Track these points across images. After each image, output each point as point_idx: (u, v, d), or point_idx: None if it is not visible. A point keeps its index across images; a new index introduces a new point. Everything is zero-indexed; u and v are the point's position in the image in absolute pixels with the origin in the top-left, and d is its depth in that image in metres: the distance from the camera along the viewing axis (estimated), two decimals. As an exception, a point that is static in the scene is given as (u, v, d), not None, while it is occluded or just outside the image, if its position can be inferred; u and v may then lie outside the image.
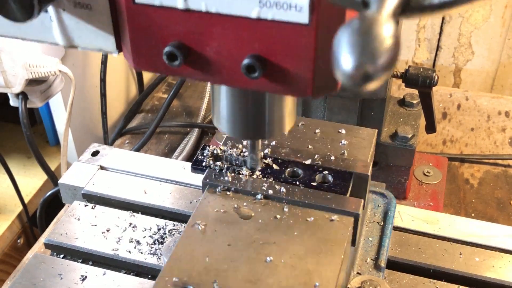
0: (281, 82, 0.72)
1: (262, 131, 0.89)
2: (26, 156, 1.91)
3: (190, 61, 0.74)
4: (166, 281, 0.87)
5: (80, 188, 1.23)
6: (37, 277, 1.04)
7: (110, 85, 1.96)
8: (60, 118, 1.82)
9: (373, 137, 1.11)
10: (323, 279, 0.88)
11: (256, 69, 0.70)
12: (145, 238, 1.12)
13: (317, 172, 1.03)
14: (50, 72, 1.51)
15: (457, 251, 1.13)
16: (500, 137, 1.92)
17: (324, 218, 0.97)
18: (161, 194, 1.22)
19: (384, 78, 0.54)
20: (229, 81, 0.75)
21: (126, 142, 1.95)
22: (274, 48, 0.70)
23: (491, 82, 2.31)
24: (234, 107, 0.86)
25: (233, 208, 0.99)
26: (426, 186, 1.64)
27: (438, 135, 1.94)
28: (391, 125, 1.55)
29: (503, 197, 1.72)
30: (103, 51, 0.79)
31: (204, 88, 2.05)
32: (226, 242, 0.93)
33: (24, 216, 1.78)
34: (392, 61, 0.54)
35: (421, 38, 2.27)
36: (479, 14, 2.16)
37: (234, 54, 0.72)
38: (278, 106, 0.87)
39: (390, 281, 1.08)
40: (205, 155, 1.06)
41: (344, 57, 0.54)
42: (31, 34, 0.80)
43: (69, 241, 1.11)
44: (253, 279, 0.87)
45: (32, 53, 1.49)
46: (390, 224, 1.14)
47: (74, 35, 0.78)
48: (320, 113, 1.49)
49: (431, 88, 1.45)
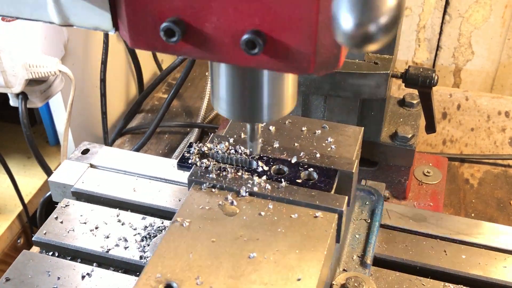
0: (282, 58, 0.71)
1: (261, 114, 0.88)
2: (26, 156, 1.92)
3: (188, 37, 0.72)
4: (149, 277, 0.87)
5: (69, 186, 1.24)
6: (25, 274, 1.05)
7: (110, 85, 1.97)
8: (60, 118, 1.83)
9: (359, 135, 1.12)
10: (306, 274, 0.88)
11: (256, 45, 0.69)
12: (134, 236, 1.12)
13: (303, 170, 1.04)
14: (50, 72, 1.52)
15: (444, 249, 1.13)
16: (500, 137, 1.92)
17: (308, 214, 0.97)
18: (150, 192, 1.22)
19: (386, 39, 0.53)
20: (228, 58, 0.74)
21: (126, 142, 1.96)
22: (274, 23, 0.68)
23: (491, 82, 2.31)
24: (233, 88, 0.85)
25: (218, 205, 0.99)
26: (426, 186, 1.64)
27: (438, 135, 1.94)
28: (391, 125, 1.55)
29: (503, 197, 1.71)
30: (99, 29, 0.78)
31: (204, 88, 2.05)
32: (210, 239, 0.93)
33: (24, 216, 1.79)
34: (395, 21, 0.52)
35: (421, 38, 2.27)
36: (479, 14, 2.16)
37: (234, 30, 0.70)
38: (277, 87, 0.86)
39: (376, 278, 1.08)
40: (191, 153, 1.06)
41: (344, 16, 0.52)
42: (26, 12, 0.78)
43: (57, 239, 1.12)
44: (236, 275, 0.88)
45: (32, 53, 1.50)
46: (377, 222, 1.14)
47: (69, 12, 0.76)
48: (320, 113, 1.49)
49: (431, 88, 1.44)
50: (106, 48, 1.91)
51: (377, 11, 0.51)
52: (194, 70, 2.20)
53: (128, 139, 1.98)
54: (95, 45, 1.90)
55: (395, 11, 0.52)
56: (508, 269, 1.09)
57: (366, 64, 1.35)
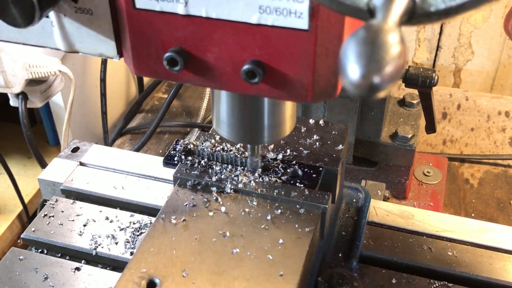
0: (281, 87, 0.73)
1: (262, 136, 0.90)
2: (26, 156, 1.93)
3: (191, 66, 0.75)
4: (132, 273, 0.88)
5: (59, 184, 1.24)
6: (13, 271, 1.06)
7: (110, 85, 1.98)
8: (60, 118, 1.83)
9: (346, 133, 1.12)
10: (288, 270, 0.89)
11: (256, 75, 0.71)
12: (122, 233, 1.13)
13: (288, 167, 1.04)
14: (50, 72, 1.52)
15: (430, 246, 1.13)
16: (500, 137, 1.92)
17: (292, 211, 0.98)
18: (139, 190, 1.22)
19: (392, 87, 0.54)
20: (229, 86, 0.76)
21: (126, 142, 1.97)
22: (274, 54, 0.71)
23: (491, 82, 2.31)
24: (234, 112, 0.88)
25: (202, 202, 1.00)
26: (426, 186, 1.65)
27: (438, 135, 1.94)
28: (391, 125, 1.55)
29: (503, 197, 1.71)
30: (104, 56, 0.80)
31: (204, 88, 2.06)
32: (194, 235, 0.94)
33: (24, 216, 1.79)
34: (399, 70, 0.53)
35: (421, 38, 2.27)
36: (479, 14, 2.16)
37: (234, 60, 0.73)
38: (277, 111, 0.88)
39: (362, 275, 1.08)
40: (177, 150, 1.07)
41: (351, 67, 0.53)
42: (32, 39, 0.81)
43: (46, 236, 1.12)
44: (219, 271, 0.89)
45: (32, 53, 1.50)
46: (364, 219, 1.14)
47: (75, 40, 0.79)
48: (320, 113, 1.50)
49: (431, 88, 1.45)
50: (106, 48, 1.91)
51: (382, 62, 0.52)
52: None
53: (128, 139, 1.98)
54: (95, 45, 1.91)
55: (399, 59, 0.53)
56: (494, 266, 1.09)
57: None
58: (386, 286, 1.06)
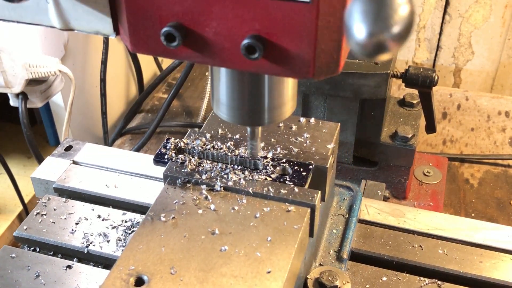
0: (282, 63, 0.71)
1: (262, 118, 0.89)
2: (26, 156, 1.94)
3: (189, 42, 0.73)
4: (121, 270, 0.88)
5: (52, 182, 1.25)
6: (5, 269, 1.06)
7: (110, 85, 1.99)
8: (60, 118, 1.84)
9: (336, 131, 1.12)
10: (276, 267, 0.88)
11: (256, 50, 0.69)
12: (114, 231, 1.13)
13: (278, 164, 1.04)
14: (50, 72, 1.53)
15: (420, 244, 1.13)
16: (500, 137, 1.92)
17: (281, 209, 0.97)
18: (131, 188, 1.23)
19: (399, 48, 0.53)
20: (229, 62, 0.74)
21: (126, 142, 1.97)
22: (274, 28, 0.69)
23: (491, 82, 2.30)
24: (234, 92, 0.86)
25: (192, 199, 1.00)
26: (426, 186, 1.65)
27: (438, 135, 1.94)
28: (391, 125, 1.55)
29: (503, 197, 1.71)
30: (100, 34, 0.78)
31: (204, 88, 2.06)
32: (183, 233, 0.94)
33: (24, 216, 1.79)
34: (407, 31, 0.52)
35: (421, 38, 2.27)
36: (479, 14, 2.15)
37: (234, 34, 0.71)
38: (277, 91, 0.86)
39: (353, 272, 1.08)
40: (168, 148, 1.07)
41: (357, 26, 0.52)
42: (27, 17, 0.79)
43: (38, 234, 1.13)
44: (207, 268, 0.89)
45: (32, 53, 1.51)
46: (354, 217, 1.14)
47: (70, 17, 0.77)
48: (320, 113, 1.50)
49: (431, 88, 1.45)
50: (106, 48, 1.92)
51: (390, 21, 0.51)
52: (194, 70, 2.22)
53: (128, 139, 1.99)
54: (95, 45, 1.92)
55: (407, 20, 0.52)
56: (484, 264, 1.09)
57: (366, 64, 1.36)
58: (376, 284, 1.06)
